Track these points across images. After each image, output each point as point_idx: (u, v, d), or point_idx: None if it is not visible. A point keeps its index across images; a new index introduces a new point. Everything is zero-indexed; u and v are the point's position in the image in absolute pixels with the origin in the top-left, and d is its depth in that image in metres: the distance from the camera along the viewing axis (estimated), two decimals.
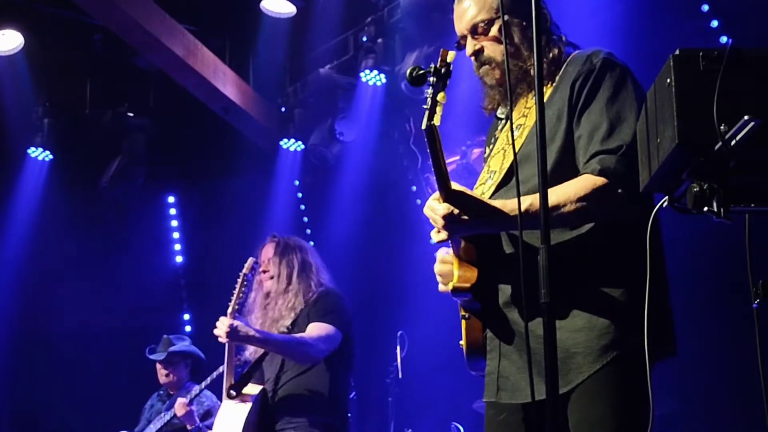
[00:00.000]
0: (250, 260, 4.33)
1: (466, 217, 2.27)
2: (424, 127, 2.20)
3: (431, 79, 2.19)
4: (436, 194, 2.32)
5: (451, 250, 2.48)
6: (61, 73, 7.15)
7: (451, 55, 2.21)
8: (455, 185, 2.30)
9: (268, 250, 4.50)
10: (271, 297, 4.39)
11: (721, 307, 5.55)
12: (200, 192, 8.21)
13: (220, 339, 4.11)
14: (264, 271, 4.44)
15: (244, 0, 6.72)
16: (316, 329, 4.21)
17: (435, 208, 2.30)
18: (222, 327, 4.03)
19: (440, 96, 2.18)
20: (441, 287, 2.52)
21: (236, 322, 4.04)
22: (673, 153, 1.80)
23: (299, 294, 4.32)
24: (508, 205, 2.27)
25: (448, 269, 2.44)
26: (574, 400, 2.25)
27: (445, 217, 2.26)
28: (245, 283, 4.25)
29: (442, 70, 2.19)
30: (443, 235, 2.32)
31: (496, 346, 2.42)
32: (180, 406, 5.30)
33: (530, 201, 2.19)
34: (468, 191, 2.32)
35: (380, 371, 6.17)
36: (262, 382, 4.31)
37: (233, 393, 4.18)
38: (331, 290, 4.42)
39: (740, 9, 5.28)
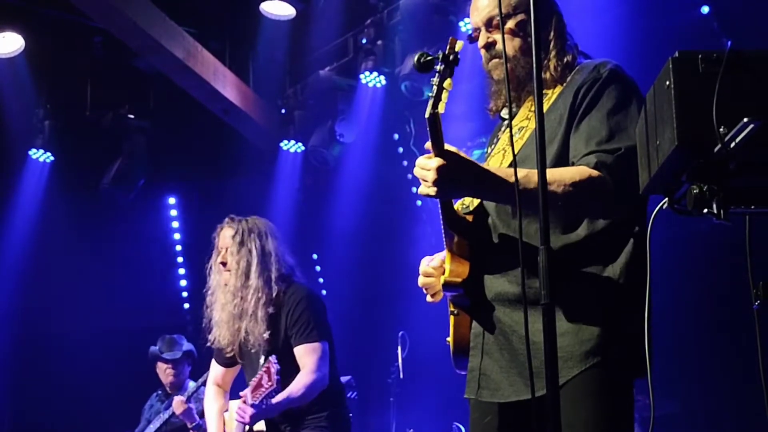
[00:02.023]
0: (273, 366, 3.87)
1: (457, 175, 2.20)
2: (427, 115, 2.17)
3: (438, 66, 2.18)
4: (427, 155, 2.25)
5: (433, 262, 2.46)
6: (62, 76, 7.16)
7: (459, 44, 2.20)
8: (448, 146, 2.24)
9: (225, 236, 4.24)
10: (228, 289, 4.16)
11: (722, 308, 5.56)
12: (201, 193, 8.21)
13: (243, 423, 3.98)
14: (222, 263, 4.21)
15: (243, 2, 6.73)
16: (310, 355, 4.06)
17: (426, 163, 2.21)
18: (245, 416, 3.92)
19: (447, 83, 2.17)
20: (428, 298, 2.50)
21: (255, 411, 3.92)
22: (672, 155, 1.80)
23: (259, 291, 4.09)
24: (501, 171, 2.24)
25: (432, 281, 2.43)
26: None
27: (438, 170, 2.18)
28: (271, 385, 3.88)
29: (450, 57, 2.17)
30: (431, 190, 2.22)
31: (479, 343, 2.40)
32: (178, 404, 5.29)
33: (525, 173, 2.17)
34: (460, 152, 2.25)
35: (381, 372, 6.18)
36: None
37: None
38: (299, 292, 4.15)
39: (740, 11, 5.29)
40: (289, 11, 6.57)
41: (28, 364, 7.87)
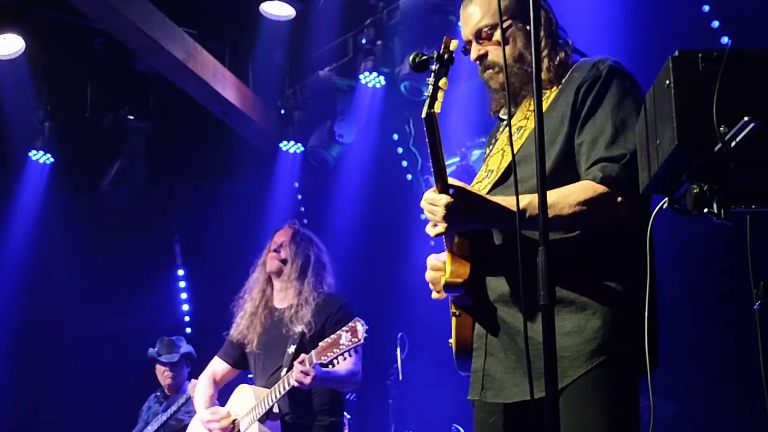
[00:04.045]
0: (361, 328, 3.85)
1: (465, 210, 2.24)
2: (424, 115, 2.17)
3: (433, 66, 2.18)
4: (433, 188, 2.29)
5: (442, 258, 2.45)
6: (62, 77, 7.16)
7: (453, 44, 2.20)
8: (452, 180, 2.27)
9: (285, 233, 4.43)
10: (276, 279, 4.34)
11: (723, 309, 5.55)
12: (200, 194, 8.21)
13: (299, 386, 3.94)
14: (275, 251, 4.36)
15: (243, 3, 6.72)
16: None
17: (435, 199, 2.24)
18: (307, 378, 3.89)
19: (442, 82, 2.17)
20: (434, 294, 2.50)
21: (317, 373, 3.91)
22: (672, 154, 1.79)
23: (312, 289, 4.28)
24: (506, 200, 2.25)
25: (440, 276, 2.41)
26: (560, 404, 2.22)
27: (446, 207, 2.21)
28: (352, 350, 3.89)
29: (445, 56, 2.18)
30: (441, 228, 2.25)
31: (482, 344, 2.40)
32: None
33: (529, 200, 2.18)
34: (466, 186, 2.29)
35: (380, 373, 6.16)
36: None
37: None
38: (344, 301, 4.37)
39: (741, 9, 5.27)
40: (288, 12, 6.56)
41: (27, 364, 7.86)
